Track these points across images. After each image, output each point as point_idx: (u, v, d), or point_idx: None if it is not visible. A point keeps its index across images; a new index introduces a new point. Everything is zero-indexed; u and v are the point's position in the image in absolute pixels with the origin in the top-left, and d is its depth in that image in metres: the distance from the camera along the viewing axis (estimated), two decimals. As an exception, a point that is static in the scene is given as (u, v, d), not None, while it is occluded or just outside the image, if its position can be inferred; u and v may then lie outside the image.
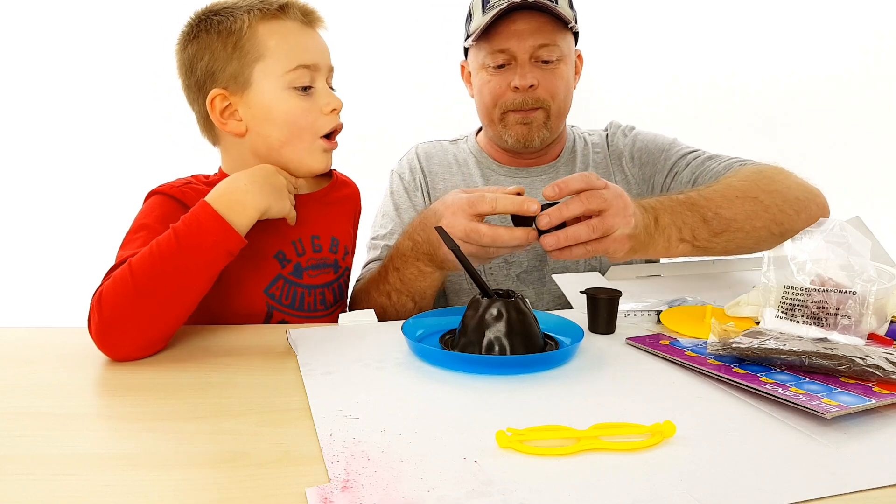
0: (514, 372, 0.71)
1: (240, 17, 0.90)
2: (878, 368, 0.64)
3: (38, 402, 0.65)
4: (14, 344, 0.83)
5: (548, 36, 1.16)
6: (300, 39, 0.92)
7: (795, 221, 1.00)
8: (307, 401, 0.63)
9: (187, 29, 0.94)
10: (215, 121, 0.92)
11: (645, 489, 0.48)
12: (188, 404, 0.64)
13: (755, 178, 1.03)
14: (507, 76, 1.19)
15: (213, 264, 0.78)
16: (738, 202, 0.98)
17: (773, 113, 2.20)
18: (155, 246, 0.76)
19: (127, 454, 0.55)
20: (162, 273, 0.75)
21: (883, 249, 0.95)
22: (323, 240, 1.00)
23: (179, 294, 0.76)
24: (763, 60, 2.20)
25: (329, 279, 1.00)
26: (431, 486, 0.48)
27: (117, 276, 0.75)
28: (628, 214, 0.87)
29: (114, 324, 0.74)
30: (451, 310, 0.87)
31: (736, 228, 0.97)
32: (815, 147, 2.19)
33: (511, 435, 0.54)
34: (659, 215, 0.93)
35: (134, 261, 0.75)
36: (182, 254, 0.75)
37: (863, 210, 1.00)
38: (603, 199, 0.85)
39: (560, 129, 1.26)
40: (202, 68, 0.91)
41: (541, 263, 1.23)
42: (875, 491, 0.49)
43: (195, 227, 0.77)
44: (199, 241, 0.76)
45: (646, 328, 0.86)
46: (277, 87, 0.90)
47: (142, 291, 0.74)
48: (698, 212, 0.96)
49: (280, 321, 0.96)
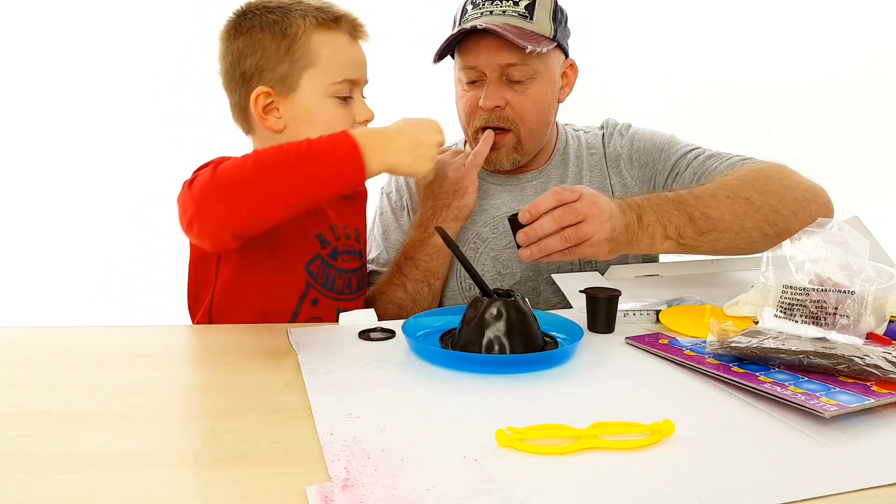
0: (513, 371, 0.71)
1: (296, 21, 0.92)
2: (877, 368, 0.64)
3: (38, 402, 0.65)
4: (14, 344, 0.83)
5: (516, 55, 1.10)
6: (349, 53, 0.95)
7: (792, 222, 0.98)
8: (308, 400, 0.64)
9: (238, 19, 0.95)
10: (256, 115, 0.94)
11: (644, 488, 0.49)
12: (188, 404, 0.64)
13: (751, 178, 1.02)
14: (479, 93, 1.15)
15: (328, 185, 0.80)
16: (727, 202, 0.97)
17: (771, 110, 2.20)
18: (284, 145, 0.79)
19: (127, 454, 0.55)
20: (287, 170, 0.77)
21: (881, 249, 0.95)
22: (350, 228, 1.05)
23: (289, 194, 0.78)
24: (762, 57, 2.20)
25: (356, 265, 1.05)
26: (431, 485, 0.48)
27: (239, 159, 0.78)
28: (604, 220, 0.88)
29: (223, 193, 0.76)
30: (451, 309, 0.88)
31: (724, 228, 0.97)
32: (813, 145, 2.19)
33: (511, 434, 0.54)
34: (643, 213, 0.94)
35: (262, 151, 0.79)
36: (312, 162, 0.77)
37: (862, 210, 1.00)
38: (576, 212, 0.87)
39: (537, 148, 1.23)
40: (251, 63, 0.93)
41: (535, 274, 1.23)
42: (873, 490, 0.49)
43: (329, 146, 0.79)
44: (326, 159, 0.78)
45: (645, 327, 0.87)
46: (321, 94, 0.93)
47: (264, 178, 0.76)
48: (685, 210, 0.96)
49: (313, 300, 0.99)
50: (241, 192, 0.77)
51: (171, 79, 1.79)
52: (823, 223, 0.83)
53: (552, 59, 1.17)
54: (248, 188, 0.77)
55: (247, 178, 0.77)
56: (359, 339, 0.81)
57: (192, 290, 1.01)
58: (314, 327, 0.87)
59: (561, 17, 1.18)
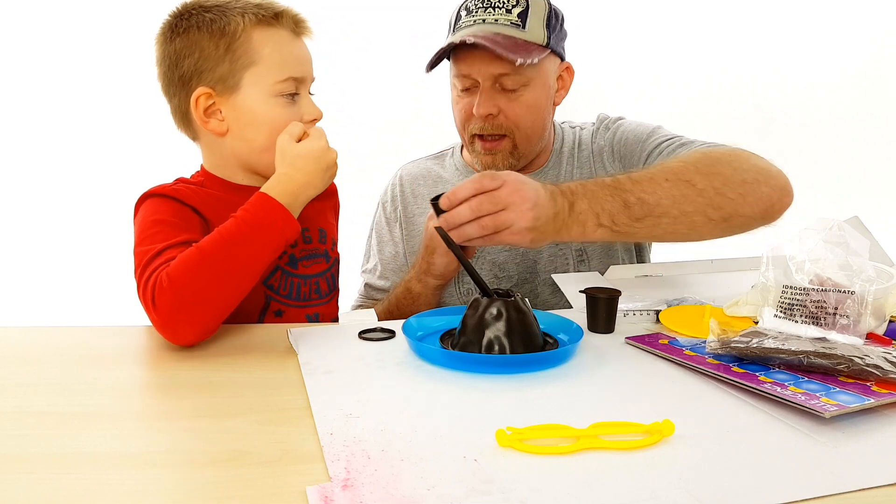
0: (513, 371, 0.71)
1: (234, 18, 0.89)
2: (877, 368, 0.64)
3: (38, 402, 0.65)
4: (14, 344, 0.83)
5: (508, 66, 1.10)
6: (292, 50, 0.92)
7: (740, 206, 0.93)
8: (308, 400, 0.64)
9: (174, 21, 0.92)
10: (197, 118, 0.92)
11: (644, 488, 0.49)
12: (188, 404, 0.64)
13: (697, 160, 0.96)
14: (473, 100, 1.15)
15: (274, 252, 0.82)
16: (666, 185, 0.91)
17: (772, 113, 2.20)
18: (223, 231, 0.80)
19: (127, 453, 0.55)
20: (233, 255, 0.78)
21: (881, 249, 0.95)
22: (311, 231, 1.02)
23: (246, 277, 0.80)
24: (762, 59, 2.20)
25: (322, 268, 1.02)
26: (431, 485, 0.48)
27: (185, 259, 0.77)
28: (526, 209, 0.84)
29: (187, 304, 0.76)
30: (451, 310, 0.88)
31: (660, 213, 0.91)
32: (813, 146, 2.19)
33: (511, 434, 0.54)
34: (576, 201, 0.89)
35: (203, 245, 0.78)
36: (252, 238, 0.79)
37: (862, 210, 1.00)
38: (495, 200, 0.84)
39: (534, 151, 1.22)
40: (189, 65, 0.90)
41: (531, 275, 1.23)
42: (873, 490, 0.49)
43: (262, 217, 0.81)
44: (264, 230, 0.80)
45: (645, 328, 0.87)
46: (265, 94, 0.90)
47: (217, 272, 0.77)
48: (620, 196, 0.90)
49: (276, 311, 0.96)
50: (205, 300, 0.77)
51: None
52: (823, 223, 0.83)
53: (546, 64, 1.17)
54: (209, 294, 0.77)
55: (204, 285, 0.77)
56: (359, 339, 0.81)
57: None
58: (314, 327, 0.87)
59: (555, 21, 1.17)
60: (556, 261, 1.22)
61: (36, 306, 1.92)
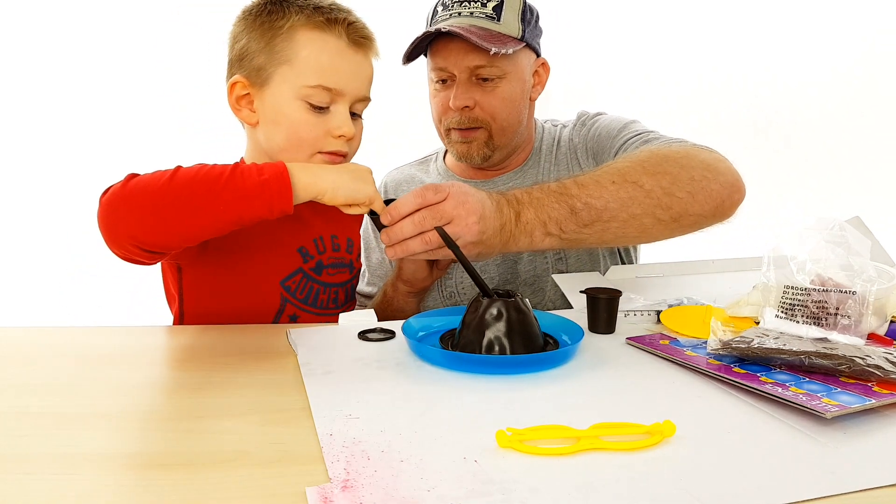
0: (514, 371, 0.71)
1: (288, 15, 0.88)
2: (878, 368, 0.64)
3: (38, 401, 0.65)
4: (14, 344, 0.83)
5: (483, 57, 1.11)
6: (335, 60, 0.88)
7: (689, 204, 0.89)
8: (307, 400, 0.63)
9: (249, 6, 0.93)
10: (230, 103, 0.92)
11: (644, 489, 0.48)
12: (188, 404, 0.64)
13: (644, 160, 0.92)
14: (450, 93, 1.15)
15: (249, 208, 0.74)
16: (612, 188, 0.88)
17: (763, 111, 2.20)
18: (210, 165, 0.76)
19: (127, 454, 0.55)
20: (200, 184, 0.73)
21: (883, 249, 0.95)
22: (341, 239, 1.01)
23: (203, 213, 0.73)
24: (761, 61, 2.20)
25: (345, 279, 1.02)
26: (431, 486, 0.48)
27: (158, 172, 0.74)
28: (471, 222, 0.81)
29: (132, 203, 0.73)
30: (451, 310, 0.88)
31: (608, 218, 0.87)
32: (813, 146, 2.19)
33: (511, 434, 0.54)
34: (522, 210, 0.86)
35: (182, 167, 0.75)
36: (229, 180, 0.73)
37: (862, 210, 1.00)
38: (438, 214, 0.80)
39: (509, 144, 1.21)
40: (238, 49, 0.91)
41: (512, 276, 1.23)
42: (875, 490, 0.49)
43: (255, 169, 0.75)
44: (248, 179, 0.74)
45: (646, 328, 0.87)
46: (291, 95, 0.88)
47: (173, 189, 0.73)
48: (567, 202, 0.87)
49: (291, 315, 0.96)
50: (150, 205, 0.73)
51: (171, 79, 1.79)
52: (824, 223, 0.82)
53: (522, 58, 1.18)
54: (157, 201, 0.73)
55: (159, 191, 0.73)
56: (359, 339, 0.81)
57: (168, 300, 1.00)
58: (314, 327, 0.87)
59: (530, 16, 1.18)
60: (536, 260, 1.22)
61: (36, 306, 1.92)
